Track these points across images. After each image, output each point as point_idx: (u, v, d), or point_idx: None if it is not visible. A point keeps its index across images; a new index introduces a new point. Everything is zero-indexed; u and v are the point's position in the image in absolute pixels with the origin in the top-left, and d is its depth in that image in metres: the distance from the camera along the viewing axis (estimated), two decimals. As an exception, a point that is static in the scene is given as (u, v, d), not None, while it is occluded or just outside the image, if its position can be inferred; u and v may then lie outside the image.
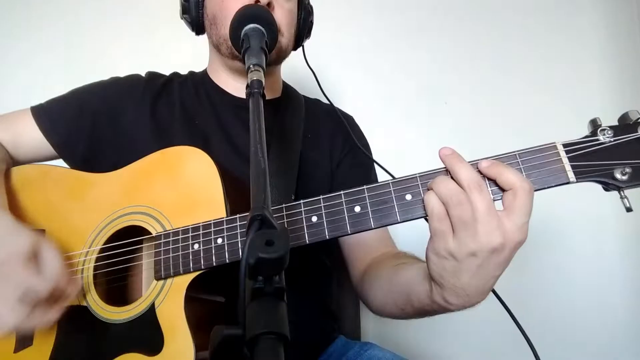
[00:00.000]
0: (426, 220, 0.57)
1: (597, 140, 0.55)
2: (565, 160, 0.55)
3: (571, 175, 0.55)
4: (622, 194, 0.54)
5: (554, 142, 0.56)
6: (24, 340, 0.71)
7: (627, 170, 0.53)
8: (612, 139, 0.54)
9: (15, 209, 0.77)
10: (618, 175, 0.54)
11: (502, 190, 0.54)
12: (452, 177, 0.55)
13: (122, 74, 0.98)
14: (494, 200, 0.54)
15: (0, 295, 0.60)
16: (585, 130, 0.57)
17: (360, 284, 0.87)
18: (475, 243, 0.52)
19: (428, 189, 0.56)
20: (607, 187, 0.56)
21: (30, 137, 0.88)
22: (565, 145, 0.56)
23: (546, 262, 1.48)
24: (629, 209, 0.54)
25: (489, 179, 0.55)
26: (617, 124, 0.56)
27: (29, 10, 1.61)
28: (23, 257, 0.62)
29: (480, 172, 0.55)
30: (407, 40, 1.60)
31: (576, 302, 1.45)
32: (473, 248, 0.52)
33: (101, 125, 0.89)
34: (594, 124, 0.56)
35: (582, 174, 0.55)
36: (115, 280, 0.75)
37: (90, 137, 0.89)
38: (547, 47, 1.57)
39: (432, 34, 1.61)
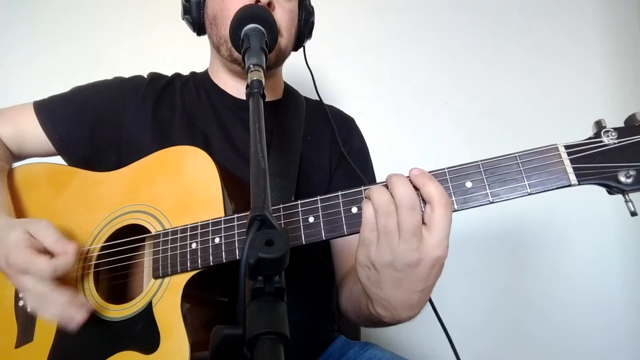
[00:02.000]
0: None
1: (601, 142, 0.53)
2: (567, 163, 0.54)
3: (573, 178, 0.53)
4: (627, 198, 0.53)
5: (556, 144, 0.55)
6: (24, 336, 0.72)
7: (632, 172, 0.52)
8: (616, 141, 0.53)
9: (18, 207, 0.78)
10: (622, 178, 0.52)
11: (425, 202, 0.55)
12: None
13: (123, 73, 0.98)
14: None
15: (25, 286, 0.64)
16: (586, 129, 0.56)
17: (339, 289, 0.89)
18: (392, 255, 0.53)
19: (366, 197, 0.57)
20: (611, 191, 0.54)
21: (32, 133, 0.89)
22: (567, 147, 0.54)
23: (546, 262, 1.48)
24: (633, 213, 0.52)
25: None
26: (622, 125, 0.54)
27: (30, 10, 1.61)
28: (22, 245, 0.63)
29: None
30: (407, 41, 1.60)
31: (576, 302, 1.45)
32: (390, 259, 0.54)
33: (102, 125, 0.90)
34: (599, 126, 0.54)
35: (584, 177, 0.53)
36: (116, 278, 0.76)
37: (91, 137, 0.89)
38: (548, 47, 1.57)
39: (433, 34, 1.61)
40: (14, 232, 0.65)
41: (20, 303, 0.74)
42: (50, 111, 0.89)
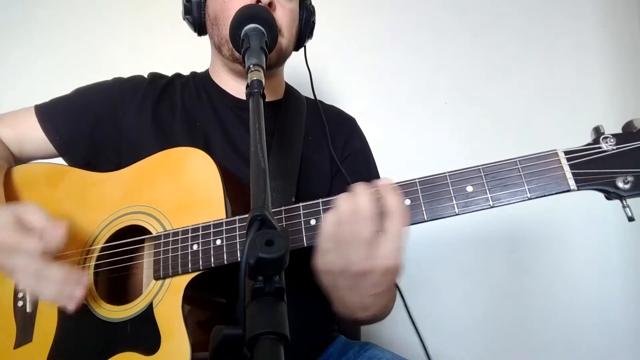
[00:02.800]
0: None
1: (600, 148, 0.54)
2: (567, 168, 0.55)
3: (572, 183, 0.54)
4: (625, 203, 0.54)
5: (555, 149, 0.56)
6: (23, 336, 0.72)
7: (630, 178, 0.53)
8: (614, 147, 0.54)
9: None
10: (620, 184, 0.53)
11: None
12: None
13: (123, 73, 0.98)
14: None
15: (15, 266, 0.63)
16: (586, 130, 0.57)
17: None
18: (346, 263, 0.56)
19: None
20: (609, 196, 0.56)
21: (33, 136, 0.89)
22: (566, 153, 0.55)
23: (546, 262, 1.48)
24: (630, 219, 0.53)
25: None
26: (620, 131, 0.55)
27: (30, 12, 1.61)
28: (10, 227, 0.63)
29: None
30: (407, 41, 1.60)
31: (576, 302, 1.45)
32: (343, 267, 0.56)
33: (103, 126, 0.90)
34: (597, 132, 0.55)
35: (583, 182, 0.54)
36: (117, 279, 0.76)
37: (92, 138, 0.89)
38: (548, 47, 1.57)
39: (433, 34, 1.60)
40: (1, 216, 0.64)
41: (19, 303, 0.74)
42: (51, 113, 0.90)
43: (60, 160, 0.90)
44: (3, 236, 0.63)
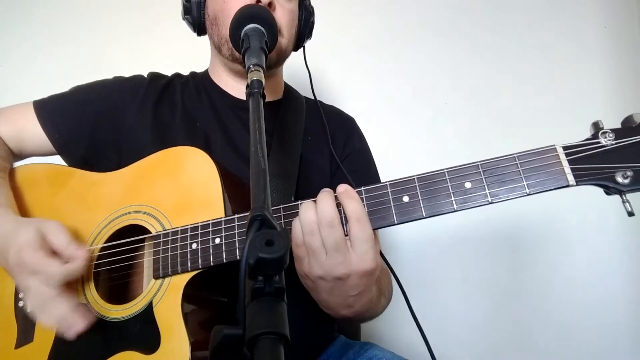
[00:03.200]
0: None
1: (599, 143, 0.54)
2: (565, 163, 0.54)
3: (571, 179, 0.54)
4: (624, 198, 0.53)
5: (554, 145, 0.55)
6: (24, 336, 0.72)
7: (629, 173, 0.52)
8: (614, 142, 0.53)
9: (19, 207, 0.78)
10: (619, 179, 0.53)
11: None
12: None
13: (123, 73, 0.98)
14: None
15: (29, 286, 0.63)
16: (586, 129, 0.57)
17: None
18: (322, 269, 0.56)
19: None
20: (608, 191, 0.55)
21: (32, 132, 0.89)
22: (565, 148, 0.55)
23: (546, 261, 1.48)
24: (630, 214, 0.53)
25: None
26: (619, 126, 0.55)
27: (30, 12, 1.61)
28: (35, 245, 0.63)
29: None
30: (407, 41, 1.60)
31: (576, 302, 1.45)
32: (320, 273, 0.57)
33: (103, 125, 0.89)
34: (596, 127, 0.55)
35: (582, 177, 0.54)
36: (116, 278, 0.76)
37: (91, 137, 0.89)
38: (548, 47, 1.57)
39: (433, 34, 1.60)
40: (25, 230, 0.65)
41: (20, 303, 0.74)
42: (50, 110, 0.89)
43: (59, 159, 0.90)
44: (27, 255, 0.63)
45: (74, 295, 0.66)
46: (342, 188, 0.59)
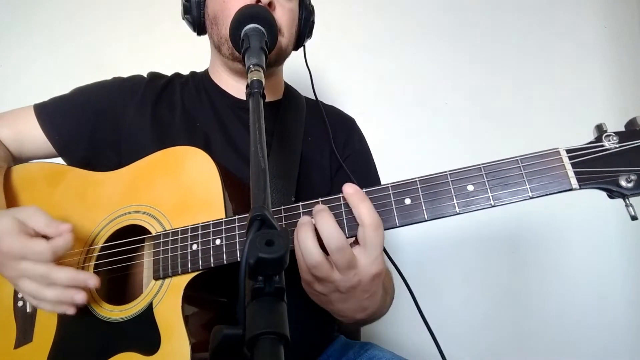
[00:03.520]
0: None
1: (602, 146, 0.53)
2: (569, 167, 0.54)
3: (574, 182, 0.53)
4: (628, 202, 0.53)
5: (557, 148, 0.55)
6: (24, 336, 0.72)
7: (633, 177, 0.52)
8: (617, 145, 0.53)
9: (16, 207, 0.77)
10: (623, 183, 0.52)
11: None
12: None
13: (123, 73, 0.98)
14: None
15: (24, 270, 0.63)
16: (586, 129, 0.56)
17: None
18: (334, 285, 0.57)
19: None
20: (611, 195, 0.54)
21: (32, 135, 0.89)
22: (568, 151, 0.54)
23: (546, 262, 1.48)
24: (634, 217, 0.52)
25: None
26: (623, 129, 0.54)
27: (30, 12, 1.61)
28: (14, 231, 0.63)
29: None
30: (407, 41, 1.60)
31: (576, 302, 1.45)
32: (333, 288, 0.57)
33: (103, 126, 0.90)
34: (599, 130, 0.54)
35: (585, 181, 0.53)
36: (116, 279, 0.76)
37: (92, 138, 0.89)
38: (548, 48, 1.57)
39: (433, 35, 1.60)
40: (2, 220, 0.64)
41: (20, 303, 0.74)
42: (50, 113, 0.90)
43: (59, 160, 0.90)
44: (9, 243, 0.63)
45: (71, 267, 0.66)
46: (352, 189, 0.57)
